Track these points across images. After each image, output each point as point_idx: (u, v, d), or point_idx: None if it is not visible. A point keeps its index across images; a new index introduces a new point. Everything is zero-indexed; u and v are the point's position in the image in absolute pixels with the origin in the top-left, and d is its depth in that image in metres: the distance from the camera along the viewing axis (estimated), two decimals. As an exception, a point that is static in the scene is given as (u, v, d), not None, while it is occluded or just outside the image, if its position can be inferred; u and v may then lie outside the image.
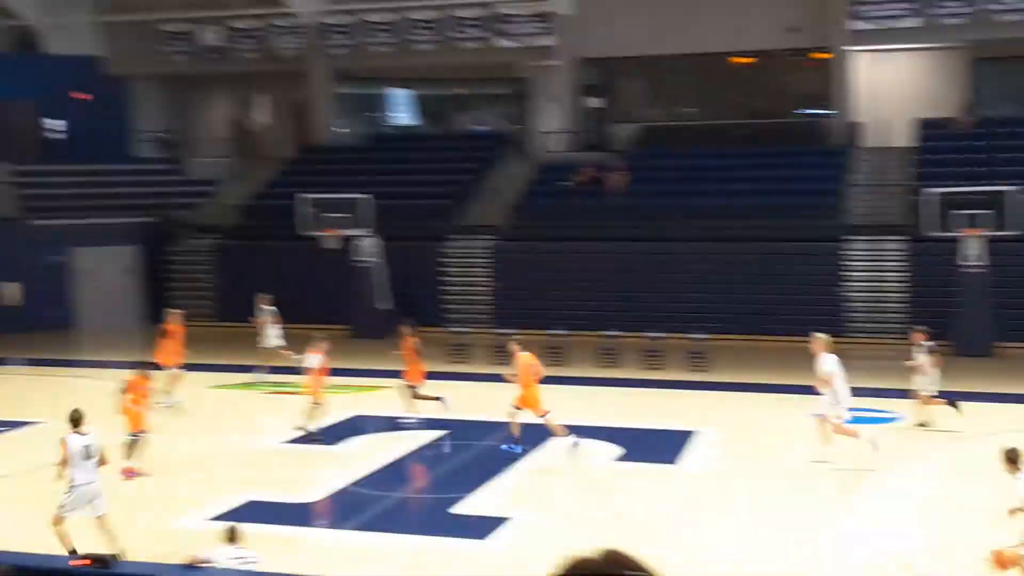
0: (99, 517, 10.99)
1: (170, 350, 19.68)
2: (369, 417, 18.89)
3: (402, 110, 36.26)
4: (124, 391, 14.80)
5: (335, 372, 21.24)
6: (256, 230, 29.21)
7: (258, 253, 28.63)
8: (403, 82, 35.31)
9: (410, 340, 18.21)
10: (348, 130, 34.40)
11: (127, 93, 33.38)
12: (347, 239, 26.87)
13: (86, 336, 27.66)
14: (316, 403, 16.89)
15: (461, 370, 22.59)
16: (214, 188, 31.51)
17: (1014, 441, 10.88)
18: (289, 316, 27.43)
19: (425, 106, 36.23)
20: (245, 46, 32.07)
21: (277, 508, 13.49)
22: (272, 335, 21.56)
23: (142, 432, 14.68)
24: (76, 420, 11.43)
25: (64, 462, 11.20)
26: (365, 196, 27.06)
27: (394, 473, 15.41)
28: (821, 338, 14.76)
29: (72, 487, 11.03)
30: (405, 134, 35.13)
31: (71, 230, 28.52)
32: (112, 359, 23.37)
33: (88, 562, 8.03)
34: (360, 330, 26.21)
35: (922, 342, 16.93)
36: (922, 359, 16.74)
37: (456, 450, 16.61)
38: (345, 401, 19.53)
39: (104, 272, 29.01)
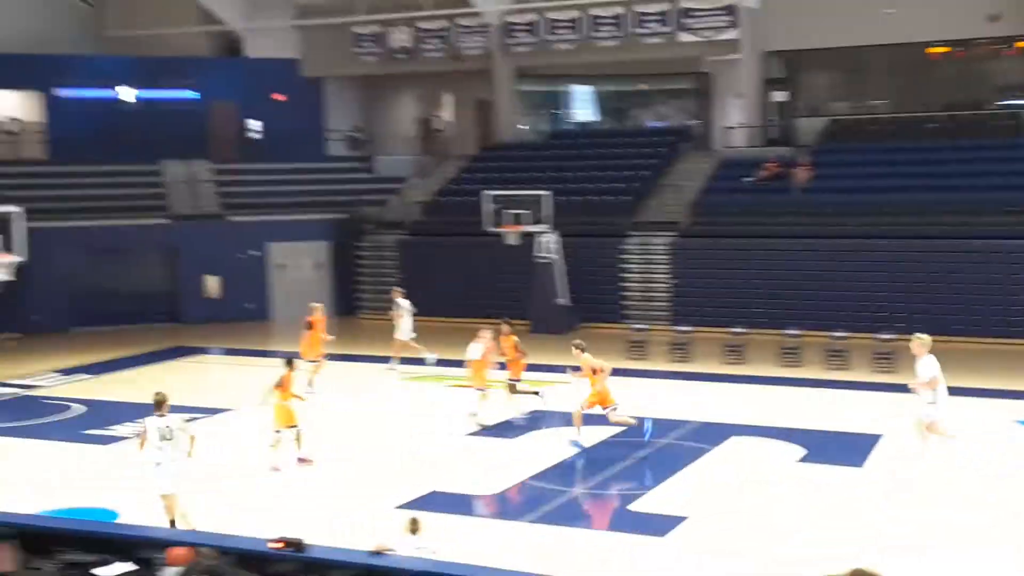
0: (165, 495, 12.02)
1: (312, 342, 20.62)
2: (547, 412, 19.11)
3: (583, 107, 36.43)
4: (276, 387, 15.42)
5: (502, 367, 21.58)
6: (440, 226, 29.95)
7: (441, 248, 29.35)
8: (584, 79, 35.46)
9: (510, 336, 18.75)
10: (530, 127, 34.81)
11: (321, 94, 34.75)
12: (528, 235, 27.23)
13: (280, 327, 28.98)
14: (481, 392, 17.49)
15: (639, 367, 22.58)
16: (401, 185, 32.45)
17: None
18: (469, 311, 28.16)
19: (606, 102, 36.28)
20: (432, 46, 32.88)
21: (459, 499, 13.86)
22: (405, 328, 22.33)
23: (293, 426, 15.32)
24: (159, 403, 12.29)
25: (143, 442, 12.24)
26: (546, 192, 27.37)
27: (573, 468, 15.57)
28: (923, 339, 14.20)
29: (156, 465, 12.06)
30: (586, 130, 35.29)
31: (267, 226, 29.94)
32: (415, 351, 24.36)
33: (283, 544, 8.46)
34: (539, 325, 26.52)
35: None
36: None
37: (635, 447, 16.63)
38: (523, 396, 19.82)
39: (297, 266, 30.33)
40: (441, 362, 22.37)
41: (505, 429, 17.53)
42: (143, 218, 29.39)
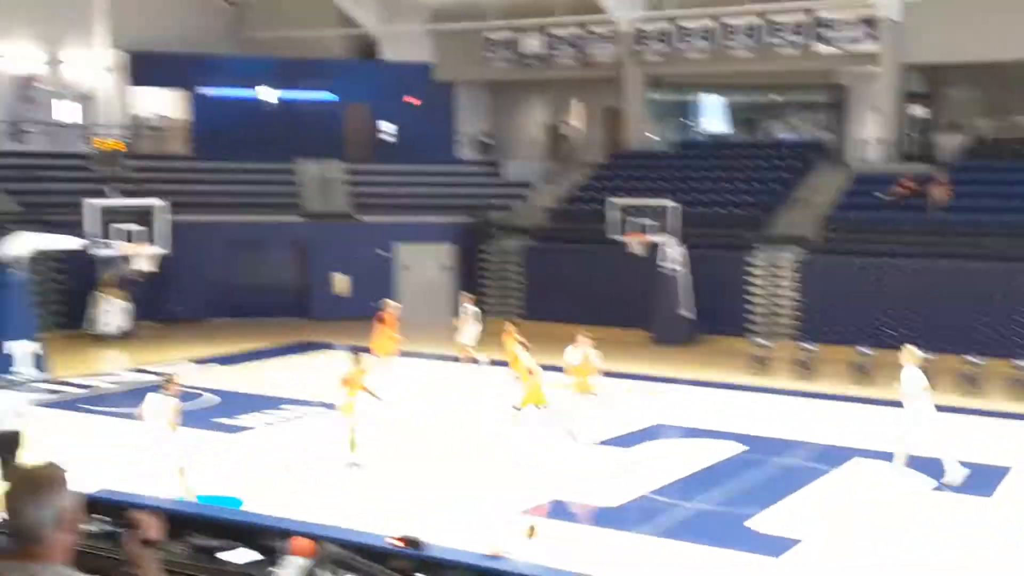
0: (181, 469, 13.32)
1: (383, 339, 21.05)
2: (668, 424, 19.03)
3: (713, 117, 36.09)
4: (345, 383, 15.74)
5: (632, 377, 21.58)
6: (565, 232, 30.05)
7: (565, 255, 29.44)
8: (715, 89, 35.12)
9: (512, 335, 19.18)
10: (658, 136, 34.65)
11: (452, 98, 35.23)
12: (653, 245, 27.12)
13: (405, 327, 29.49)
14: (579, 397, 17.78)
15: (760, 383, 22.27)
16: (528, 190, 32.67)
17: None
18: (592, 319, 28.12)
19: (737, 113, 35.86)
20: (563, 53, 33.01)
21: (578, 508, 13.92)
22: (469, 333, 22.76)
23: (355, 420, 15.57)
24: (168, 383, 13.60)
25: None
26: (673, 203, 27.21)
27: (691, 482, 15.46)
28: (910, 350, 14.86)
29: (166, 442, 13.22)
30: (716, 141, 34.95)
31: (395, 227, 30.49)
32: (426, 351, 24.78)
33: (401, 542, 8.63)
34: (660, 336, 26.40)
35: None
36: None
37: (753, 464, 16.43)
38: (645, 406, 19.79)
39: (423, 267, 30.81)
40: (558, 369, 22.36)
41: (627, 439, 17.49)
42: (278, 215, 30.27)
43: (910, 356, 15.04)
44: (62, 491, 2.58)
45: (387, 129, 34.77)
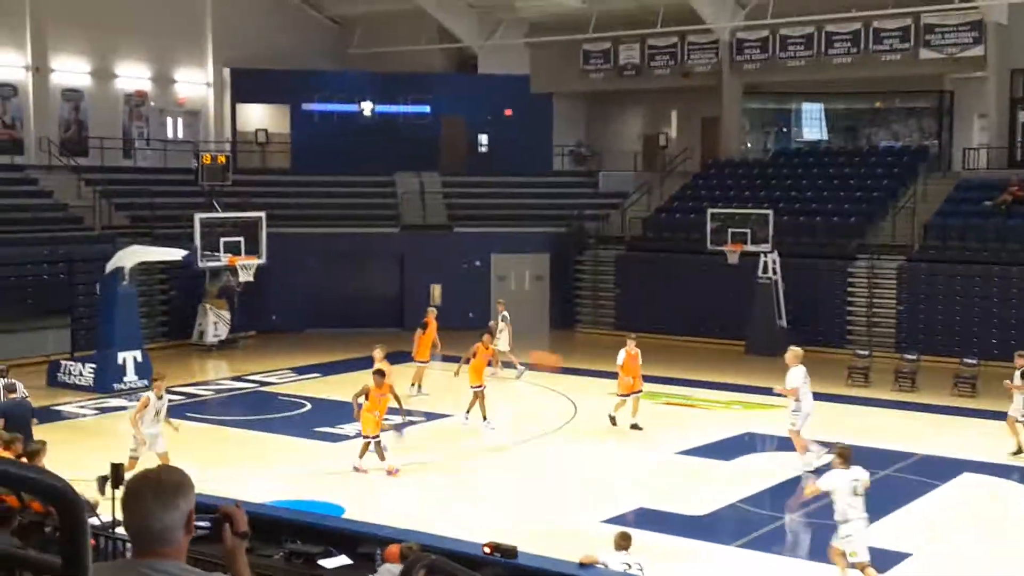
0: (161, 454, 14.39)
1: (424, 344, 21.51)
2: (760, 435, 18.80)
3: (812, 124, 35.53)
4: (360, 394, 15.82)
5: (726, 387, 21.37)
6: (660, 242, 29.90)
7: (660, 265, 29.29)
8: (815, 96, 34.60)
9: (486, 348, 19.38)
10: (756, 145, 34.26)
11: (548, 109, 35.36)
12: (750, 255, 26.83)
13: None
14: (622, 398, 18.47)
15: (861, 394, 21.85)
16: (623, 200, 32.61)
17: None
18: (686, 329, 27.97)
19: (836, 120, 35.25)
20: (660, 63, 32.89)
21: (666, 517, 13.84)
22: (504, 339, 23.32)
23: (374, 436, 15.62)
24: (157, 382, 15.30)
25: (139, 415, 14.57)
26: (769, 212, 26.89)
27: (785, 493, 15.25)
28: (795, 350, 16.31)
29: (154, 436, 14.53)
30: (814, 149, 34.41)
31: (491, 237, 30.70)
32: (519, 361, 24.87)
33: (495, 550, 8.72)
34: (755, 347, 26.06)
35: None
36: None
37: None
38: (736, 417, 19.60)
39: (517, 277, 30.95)
40: (653, 380, 22.30)
41: (717, 449, 17.34)
42: (375, 227, 30.74)
43: (795, 356, 16.03)
44: (190, 494, 2.67)
45: (482, 140, 35.06)
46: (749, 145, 34.78)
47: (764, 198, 28.94)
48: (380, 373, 16.15)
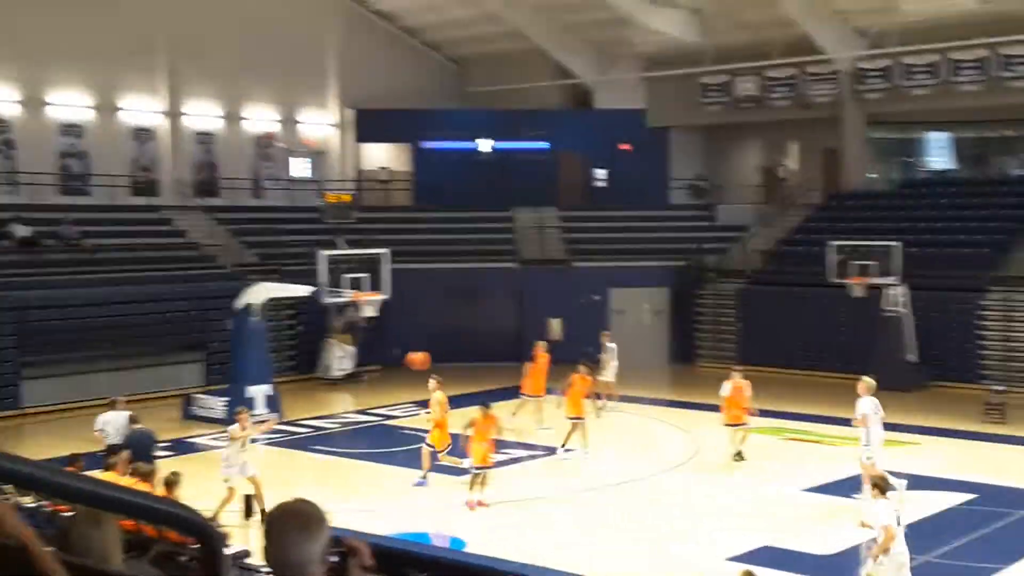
0: (251, 478, 14.75)
1: (535, 377, 21.54)
2: (889, 471, 18.28)
3: (938, 154, 34.64)
4: (469, 426, 15.97)
5: (852, 423, 20.82)
6: (781, 275, 29.49)
7: (782, 298, 28.86)
8: (941, 125, 33.75)
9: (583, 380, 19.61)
10: (880, 176, 33.56)
11: (665, 143, 35.31)
12: (875, 287, 26.24)
13: (617, 372, 29.56)
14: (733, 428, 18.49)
15: (997, 431, 21.10)
16: (743, 233, 32.28)
17: None
18: (809, 363, 27.46)
19: (964, 149, 34.30)
20: (779, 94, 32.55)
21: (793, 556, 13.59)
22: (611, 369, 23.35)
23: (485, 466, 15.74)
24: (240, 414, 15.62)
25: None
26: (896, 244, 26.28)
27: (918, 534, 14.80)
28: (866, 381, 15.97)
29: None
30: (941, 179, 33.54)
31: (609, 272, 30.71)
32: (641, 395, 24.78)
33: None
34: (882, 381, 25.27)
35: None
36: None
37: (990, 517, 15.56)
38: (852, 452, 19.12)
39: (636, 312, 30.84)
40: (777, 415, 21.99)
41: (845, 486, 16.95)
42: (494, 262, 31.07)
43: (867, 387, 15.77)
44: (327, 528, 2.77)
45: (599, 175, 35.19)
46: (873, 176, 34.07)
47: (890, 230, 28.30)
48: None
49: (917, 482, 16.89)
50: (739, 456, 18.45)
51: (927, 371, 25.94)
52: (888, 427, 20.83)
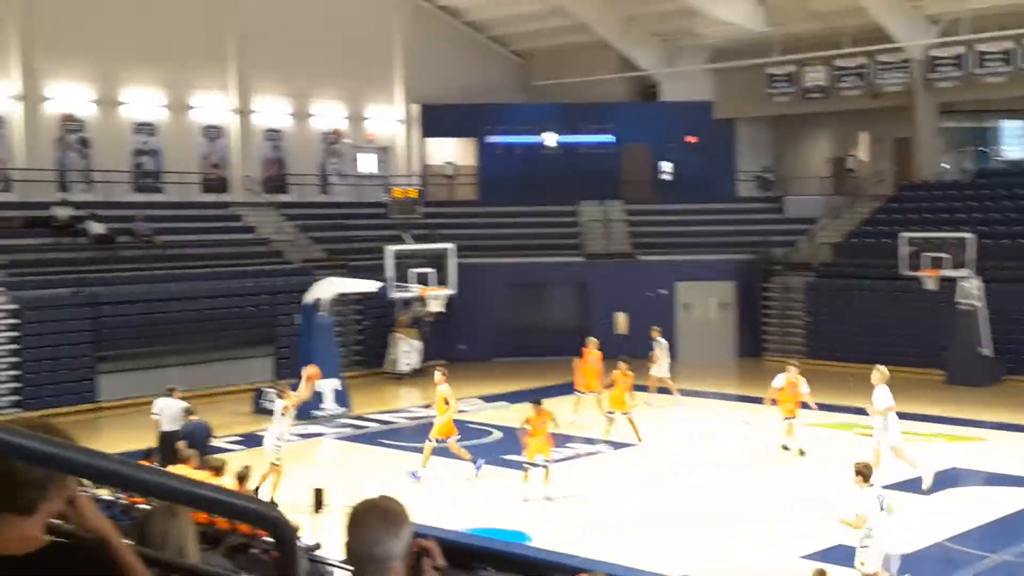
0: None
1: (588, 375, 21.52)
2: (966, 469, 17.97)
3: (1013, 143, 33.86)
4: (525, 423, 16.20)
5: (926, 419, 20.50)
6: (850, 268, 29.07)
7: (851, 291, 28.44)
8: (1015, 113, 32.98)
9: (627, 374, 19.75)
10: (952, 166, 32.91)
11: (732, 134, 34.98)
12: (948, 280, 25.75)
13: (683, 366, 29.39)
14: (786, 419, 18.56)
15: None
16: (811, 226, 31.86)
17: None
18: (880, 357, 26.92)
19: (1041, 137, 33.51)
20: (848, 84, 32.04)
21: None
22: (662, 366, 23.38)
23: (542, 461, 15.88)
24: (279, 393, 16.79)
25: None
26: (970, 235, 25.76)
27: (991, 532, 14.53)
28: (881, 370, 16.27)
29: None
30: (1016, 168, 32.78)
31: (675, 265, 30.51)
32: (708, 389, 24.61)
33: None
34: (956, 376, 24.97)
35: None
36: None
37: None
38: (939, 450, 18.80)
39: (703, 306, 30.61)
40: (847, 410, 21.68)
41: (917, 483, 16.67)
42: (559, 256, 31.04)
43: (881, 375, 16.19)
44: (410, 526, 2.79)
45: (665, 168, 34.97)
46: (946, 166, 33.43)
47: (964, 221, 27.76)
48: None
49: (990, 479, 16.60)
50: (785, 448, 18.38)
51: (1002, 365, 25.40)
52: (961, 423, 20.54)
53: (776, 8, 31.35)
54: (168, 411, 16.64)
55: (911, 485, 16.62)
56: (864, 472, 11.68)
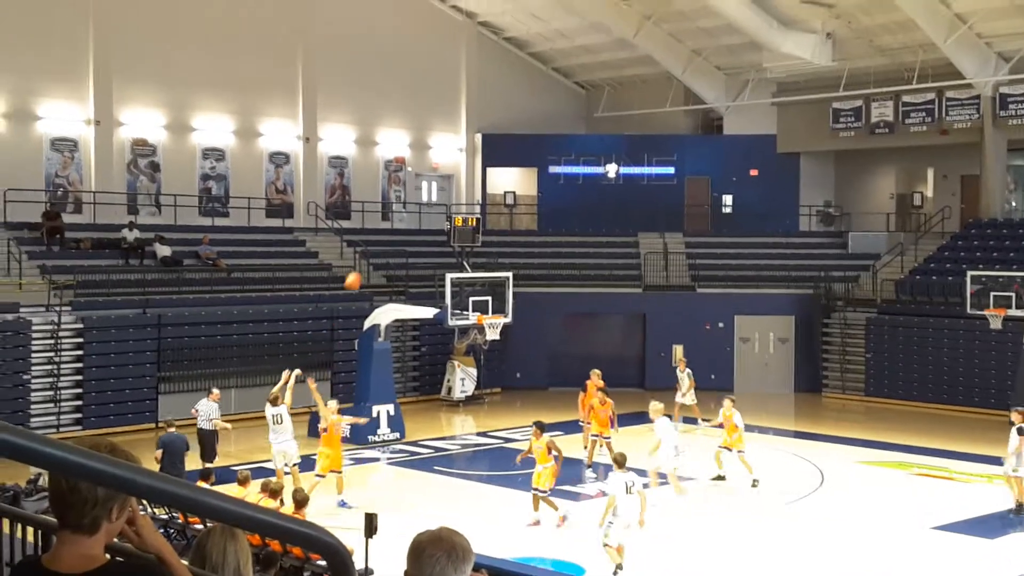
0: (293, 466, 17.20)
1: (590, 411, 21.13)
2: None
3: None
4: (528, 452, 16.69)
5: (987, 460, 20.08)
6: (913, 305, 28.67)
7: (913, 329, 28.04)
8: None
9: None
10: (1018, 204, 32.36)
11: (795, 168, 34.77)
12: (1014, 319, 25.27)
13: (741, 400, 29.07)
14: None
15: None
16: (874, 262, 31.51)
17: None
18: (942, 397, 26.57)
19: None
20: (915, 120, 31.71)
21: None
22: (689, 394, 23.34)
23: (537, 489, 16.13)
24: (273, 400, 17.75)
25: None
26: (1037, 275, 25.31)
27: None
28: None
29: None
30: (1089, 207, 32.16)
31: (733, 298, 30.33)
32: (761, 424, 24.37)
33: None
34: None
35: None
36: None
37: None
38: (999, 492, 18.42)
39: (761, 340, 30.36)
40: (905, 448, 21.38)
41: (979, 525, 16.35)
42: (618, 287, 31.01)
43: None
44: (472, 561, 2.82)
45: (726, 201, 34.85)
46: (1014, 204, 32.90)
47: (1030, 260, 27.28)
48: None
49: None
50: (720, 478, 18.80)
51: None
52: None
53: (843, 43, 31.17)
54: (204, 410, 18.61)
55: (970, 526, 16.31)
56: (618, 460, 13.79)
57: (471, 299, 26.04)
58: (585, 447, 21.06)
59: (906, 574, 14.01)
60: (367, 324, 23.36)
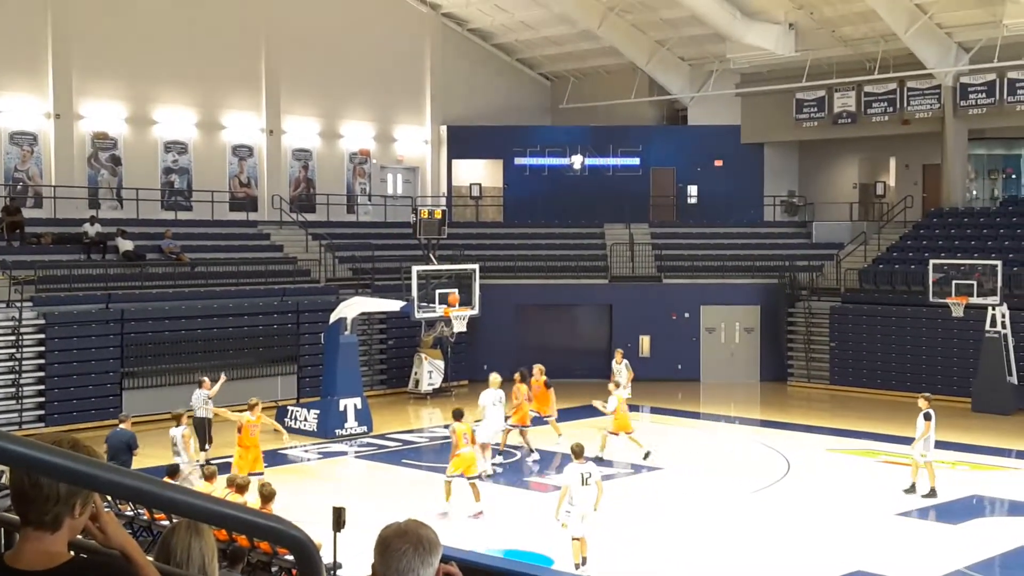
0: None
1: (539, 401, 21.60)
2: (988, 497, 17.81)
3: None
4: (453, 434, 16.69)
5: (951, 447, 20.31)
6: (876, 294, 28.93)
7: (877, 317, 28.30)
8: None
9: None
10: (980, 193, 32.72)
11: (759, 159, 34.96)
12: (976, 307, 25.56)
13: (707, 390, 29.27)
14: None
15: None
16: (838, 251, 31.76)
17: None
18: (905, 384, 26.81)
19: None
20: (877, 110, 31.97)
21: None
22: (626, 388, 22.75)
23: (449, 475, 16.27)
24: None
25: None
26: (997, 262, 25.60)
27: (1013, 563, 14.39)
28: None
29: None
30: (1046, 196, 32.57)
31: (699, 289, 30.47)
32: (728, 414, 24.52)
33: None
34: (981, 404, 24.77)
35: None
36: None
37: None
38: (962, 478, 18.65)
39: (726, 330, 30.54)
40: (871, 436, 21.57)
41: (944, 512, 16.54)
42: (584, 278, 31.06)
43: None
44: (440, 553, 2.78)
45: (690, 191, 34.98)
46: (975, 193, 33.26)
47: (992, 248, 27.62)
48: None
49: (1014, 508, 16.46)
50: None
51: (1030, 394, 25.16)
52: (987, 451, 20.36)
53: (806, 34, 31.35)
54: (196, 398, 19.24)
55: (936, 512, 16.50)
56: (575, 450, 13.72)
57: (438, 291, 25.98)
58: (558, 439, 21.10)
59: (872, 560, 14.14)
60: (333, 317, 23.24)
